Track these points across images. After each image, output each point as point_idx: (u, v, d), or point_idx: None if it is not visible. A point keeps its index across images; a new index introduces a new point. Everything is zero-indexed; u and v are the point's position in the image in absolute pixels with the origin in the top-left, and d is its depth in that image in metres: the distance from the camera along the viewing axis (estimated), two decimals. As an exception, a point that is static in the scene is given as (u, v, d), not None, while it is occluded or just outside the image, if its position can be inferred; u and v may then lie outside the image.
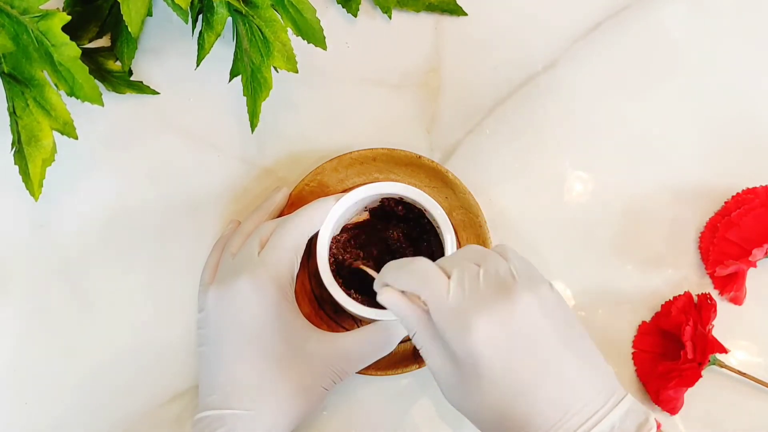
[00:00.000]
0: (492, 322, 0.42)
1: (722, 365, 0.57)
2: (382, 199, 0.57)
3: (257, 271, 0.51)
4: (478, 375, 0.42)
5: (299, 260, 0.53)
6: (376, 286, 0.46)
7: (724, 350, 0.55)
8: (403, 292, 0.45)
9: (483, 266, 0.44)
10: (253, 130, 0.58)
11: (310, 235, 0.54)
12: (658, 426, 0.42)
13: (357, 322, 0.57)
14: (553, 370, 0.42)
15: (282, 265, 0.52)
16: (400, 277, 0.45)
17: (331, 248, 0.56)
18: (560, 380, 0.42)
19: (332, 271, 0.54)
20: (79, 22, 0.60)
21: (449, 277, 0.43)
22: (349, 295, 0.53)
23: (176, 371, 0.58)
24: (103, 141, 0.61)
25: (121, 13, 0.54)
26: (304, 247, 0.53)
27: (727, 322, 0.58)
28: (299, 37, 0.56)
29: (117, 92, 0.60)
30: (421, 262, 0.45)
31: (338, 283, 0.53)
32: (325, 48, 0.56)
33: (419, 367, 0.55)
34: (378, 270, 0.48)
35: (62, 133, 0.55)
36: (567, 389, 0.42)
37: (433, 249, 0.56)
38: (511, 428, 0.42)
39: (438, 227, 0.55)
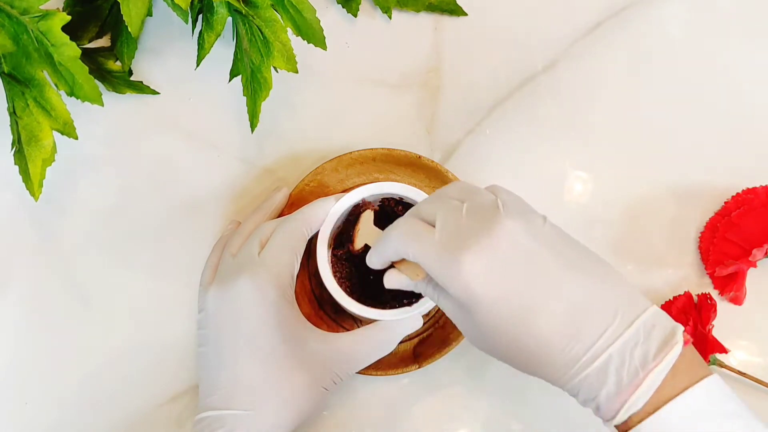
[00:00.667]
0: (477, 254, 0.41)
1: (722, 365, 0.57)
2: (382, 199, 0.57)
3: (257, 271, 0.51)
4: (478, 311, 0.42)
5: (299, 260, 0.53)
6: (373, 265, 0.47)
7: (724, 350, 0.55)
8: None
9: (467, 201, 0.43)
10: (253, 130, 0.58)
11: (310, 235, 0.54)
12: (686, 341, 0.40)
13: (357, 322, 0.57)
14: (554, 290, 0.41)
15: (282, 266, 0.52)
16: (386, 251, 0.45)
17: (331, 248, 0.56)
18: (564, 300, 0.41)
19: (332, 271, 0.54)
20: (79, 22, 0.60)
21: (434, 225, 0.43)
22: (349, 295, 0.53)
23: (176, 371, 0.58)
24: (103, 141, 0.61)
25: (121, 13, 0.54)
26: (304, 247, 0.53)
27: (727, 322, 0.58)
28: (299, 37, 0.56)
29: (117, 92, 0.60)
30: (398, 227, 0.45)
31: (338, 283, 0.53)
32: (325, 48, 0.56)
33: (419, 367, 0.55)
34: None
35: (62, 133, 0.55)
36: (574, 308, 0.41)
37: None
38: (524, 355, 0.42)
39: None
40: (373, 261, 0.47)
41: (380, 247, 0.46)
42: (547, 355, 0.41)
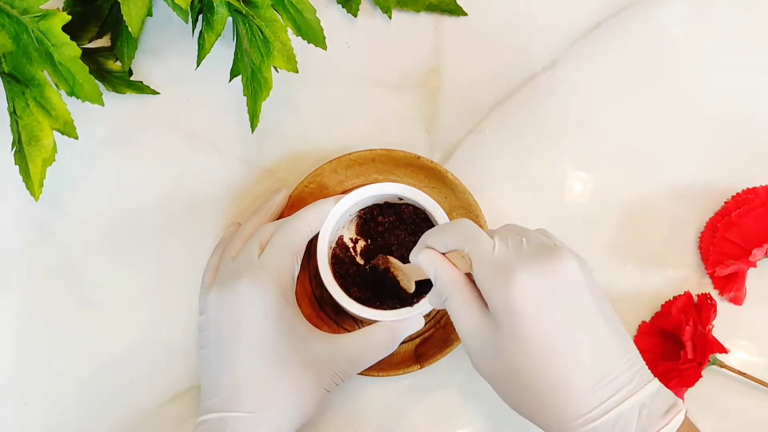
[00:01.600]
0: (534, 276, 0.42)
1: (722, 365, 0.57)
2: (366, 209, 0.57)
3: (258, 273, 0.51)
4: (514, 331, 0.42)
5: (299, 262, 0.53)
6: (415, 250, 0.48)
7: (724, 350, 0.55)
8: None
9: (525, 237, 0.45)
10: (253, 131, 0.58)
11: (310, 237, 0.54)
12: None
13: (358, 323, 0.57)
14: (589, 337, 0.42)
15: (282, 267, 0.52)
16: (445, 236, 0.46)
17: (331, 249, 0.56)
18: (595, 349, 0.42)
19: (333, 272, 0.54)
20: (79, 22, 0.60)
21: (493, 239, 0.45)
22: (350, 295, 0.53)
23: (176, 371, 0.58)
24: (103, 141, 0.61)
25: (121, 13, 0.54)
26: (303, 249, 0.53)
27: (727, 322, 0.58)
28: (299, 37, 0.56)
29: (117, 92, 0.60)
30: (467, 222, 0.46)
31: (338, 284, 0.53)
32: (325, 48, 0.56)
33: (421, 368, 0.55)
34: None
35: (62, 133, 0.55)
36: (601, 359, 0.42)
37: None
38: (539, 391, 0.42)
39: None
40: (431, 240, 0.47)
41: (447, 231, 0.46)
42: (564, 394, 0.42)
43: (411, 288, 0.54)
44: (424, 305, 0.53)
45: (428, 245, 0.47)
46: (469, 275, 0.46)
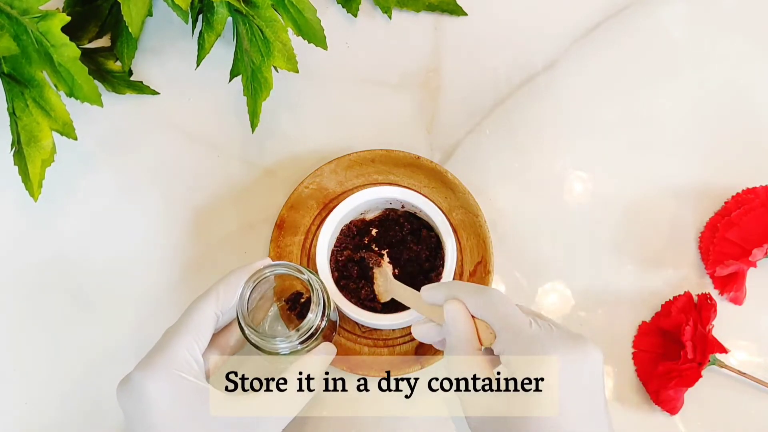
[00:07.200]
0: (568, 357, 0.43)
1: (722, 365, 0.57)
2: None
3: (151, 361, 0.46)
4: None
5: (202, 343, 0.48)
6: (442, 292, 0.47)
7: (724, 350, 0.55)
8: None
9: (549, 322, 0.46)
10: (253, 130, 0.58)
11: (220, 314, 0.48)
12: None
13: (359, 325, 0.57)
14: (596, 428, 0.43)
15: (179, 351, 0.47)
16: (478, 299, 0.46)
17: (331, 251, 0.56)
18: None
19: (333, 278, 0.54)
20: (79, 22, 0.60)
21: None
22: (349, 300, 0.53)
23: (176, 371, 0.58)
24: (102, 141, 0.61)
25: (121, 13, 0.54)
26: (209, 328, 0.48)
27: (727, 322, 0.58)
28: (299, 37, 0.56)
29: (117, 92, 0.60)
30: (498, 293, 0.46)
31: (339, 289, 0.53)
32: (325, 48, 0.56)
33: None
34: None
35: (62, 134, 0.55)
36: None
37: (435, 251, 0.56)
38: None
39: (439, 232, 0.55)
40: (466, 298, 0.46)
41: (481, 299, 0.46)
42: None
43: (383, 298, 0.53)
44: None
45: (457, 298, 0.46)
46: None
